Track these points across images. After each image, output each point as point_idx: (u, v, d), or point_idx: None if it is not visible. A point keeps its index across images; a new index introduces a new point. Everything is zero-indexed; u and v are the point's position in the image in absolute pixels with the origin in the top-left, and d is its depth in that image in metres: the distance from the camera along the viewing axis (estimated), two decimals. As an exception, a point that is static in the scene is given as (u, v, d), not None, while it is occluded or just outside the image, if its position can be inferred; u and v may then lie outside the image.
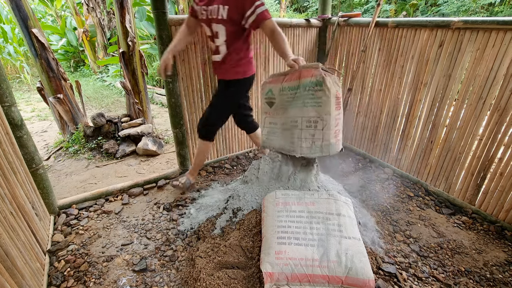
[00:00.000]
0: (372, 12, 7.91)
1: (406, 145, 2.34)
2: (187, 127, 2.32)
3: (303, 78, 1.42)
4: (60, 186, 2.40)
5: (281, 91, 1.52)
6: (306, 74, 1.42)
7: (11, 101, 1.56)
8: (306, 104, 1.43)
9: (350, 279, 1.29)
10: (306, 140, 1.48)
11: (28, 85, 6.12)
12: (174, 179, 2.24)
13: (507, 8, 5.92)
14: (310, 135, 1.47)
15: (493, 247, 1.72)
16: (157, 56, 2.10)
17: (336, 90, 1.41)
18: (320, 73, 1.38)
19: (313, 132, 1.46)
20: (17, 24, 2.45)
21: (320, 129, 1.43)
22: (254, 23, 1.66)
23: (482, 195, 1.94)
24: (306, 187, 1.79)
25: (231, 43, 1.78)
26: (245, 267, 1.45)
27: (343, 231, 1.44)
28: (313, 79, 1.39)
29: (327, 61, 2.89)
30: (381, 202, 2.12)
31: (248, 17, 1.65)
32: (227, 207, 1.80)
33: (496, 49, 1.72)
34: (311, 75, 1.40)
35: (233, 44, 1.78)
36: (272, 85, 1.59)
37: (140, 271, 1.53)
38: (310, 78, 1.40)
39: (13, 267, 1.07)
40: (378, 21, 2.32)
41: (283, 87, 1.52)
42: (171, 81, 2.09)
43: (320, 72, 1.39)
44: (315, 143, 1.47)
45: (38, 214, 1.63)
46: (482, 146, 1.87)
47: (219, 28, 1.73)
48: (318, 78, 1.38)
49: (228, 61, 1.83)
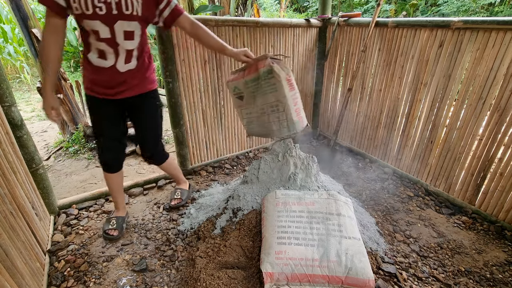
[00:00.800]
0: (372, 12, 7.91)
1: (406, 145, 2.35)
2: (187, 127, 2.32)
3: (260, 69, 1.55)
4: (60, 186, 2.40)
5: (245, 85, 1.65)
6: (261, 65, 1.56)
7: (11, 101, 1.56)
8: (266, 92, 1.58)
9: (350, 279, 1.29)
10: (274, 123, 1.63)
11: (28, 85, 6.12)
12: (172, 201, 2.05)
13: (507, 8, 5.92)
14: (276, 118, 1.61)
15: (493, 247, 1.72)
16: (157, 56, 2.10)
17: (285, 74, 1.54)
18: (268, 62, 1.52)
19: (277, 115, 1.60)
20: (17, 24, 2.45)
21: (282, 111, 1.58)
22: (170, 17, 1.46)
23: (482, 195, 1.94)
24: (306, 187, 1.79)
25: (143, 46, 1.50)
26: (245, 267, 1.45)
27: (343, 231, 1.44)
28: (265, 69, 1.53)
29: (327, 61, 2.90)
30: (381, 202, 2.12)
31: (162, 11, 1.43)
32: (227, 207, 1.80)
33: (496, 49, 1.72)
34: (263, 65, 1.54)
35: (144, 47, 1.51)
36: (236, 82, 1.70)
37: (140, 271, 1.53)
38: (263, 68, 1.54)
39: (13, 267, 1.07)
40: (378, 21, 2.32)
41: (246, 81, 1.64)
42: (171, 81, 2.09)
43: (268, 62, 1.53)
44: (282, 124, 1.61)
45: (38, 214, 1.63)
46: (482, 146, 1.87)
47: (133, 27, 1.38)
48: (267, 67, 1.52)
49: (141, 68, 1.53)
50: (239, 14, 5.48)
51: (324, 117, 3.18)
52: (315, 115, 3.24)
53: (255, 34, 2.39)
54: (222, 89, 2.38)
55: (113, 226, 1.76)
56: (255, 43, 2.42)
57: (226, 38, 2.24)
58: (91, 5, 1.27)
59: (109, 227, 1.75)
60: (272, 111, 1.60)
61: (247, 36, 2.35)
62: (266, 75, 1.53)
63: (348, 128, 2.88)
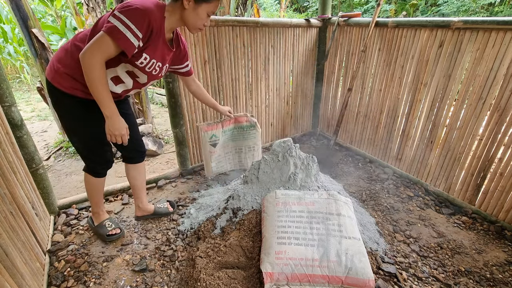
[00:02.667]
0: (372, 12, 7.91)
1: (406, 145, 2.35)
2: (187, 127, 2.32)
3: (238, 123, 2.28)
4: (60, 186, 2.40)
5: (223, 133, 2.26)
6: (241, 120, 2.27)
7: (11, 101, 1.56)
8: (247, 138, 2.34)
9: (350, 279, 1.29)
10: (249, 158, 2.42)
11: (28, 85, 6.12)
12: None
13: (507, 8, 5.92)
14: (251, 155, 2.41)
15: (493, 247, 1.72)
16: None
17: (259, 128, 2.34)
18: (253, 120, 2.27)
19: (253, 153, 2.41)
20: (17, 24, 2.45)
21: (256, 150, 2.41)
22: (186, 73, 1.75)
23: (482, 195, 1.94)
24: (306, 187, 1.80)
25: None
26: (245, 267, 1.45)
27: (343, 231, 1.44)
28: (248, 124, 2.28)
29: (327, 61, 2.90)
30: (381, 202, 2.12)
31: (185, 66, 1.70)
32: (227, 207, 1.80)
33: (496, 49, 1.72)
34: (245, 120, 2.27)
35: None
36: (214, 131, 2.20)
37: (140, 271, 1.53)
38: (246, 123, 2.28)
39: (13, 267, 1.07)
40: (378, 21, 2.32)
41: (224, 130, 2.26)
42: (171, 81, 2.09)
43: (252, 119, 2.27)
44: (254, 159, 2.40)
45: (38, 214, 1.63)
46: (482, 146, 1.87)
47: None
48: (252, 123, 2.28)
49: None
50: (239, 14, 5.48)
51: (324, 117, 3.18)
52: (315, 115, 3.25)
53: (255, 34, 2.39)
54: (222, 89, 2.39)
55: (110, 227, 1.74)
56: (255, 43, 2.42)
57: (226, 38, 2.24)
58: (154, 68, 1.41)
59: (108, 229, 1.73)
60: (249, 150, 2.39)
61: (247, 36, 2.35)
62: (249, 128, 2.30)
63: (348, 128, 2.88)
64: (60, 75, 1.34)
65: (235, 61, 2.37)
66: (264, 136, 2.91)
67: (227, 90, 2.41)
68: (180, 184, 2.36)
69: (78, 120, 1.44)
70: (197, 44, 2.12)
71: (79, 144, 1.54)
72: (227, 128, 2.26)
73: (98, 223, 1.76)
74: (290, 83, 2.90)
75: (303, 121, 3.21)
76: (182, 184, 2.36)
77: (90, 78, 1.21)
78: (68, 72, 1.33)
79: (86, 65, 1.19)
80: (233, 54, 2.33)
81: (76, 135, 1.50)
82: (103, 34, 1.18)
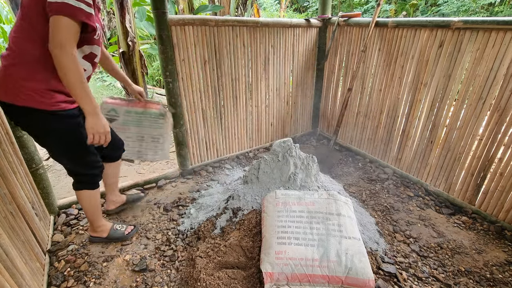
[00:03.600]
0: (372, 12, 7.91)
1: (406, 145, 2.35)
2: (187, 127, 2.32)
3: (149, 109, 1.99)
4: (60, 186, 2.40)
5: (126, 112, 1.96)
6: (152, 106, 2.00)
7: (11, 101, 1.56)
8: (151, 126, 2.03)
9: (350, 279, 1.29)
10: (150, 150, 2.09)
11: (28, 85, 6.11)
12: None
13: (507, 8, 5.92)
14: (154, 147, 2.08)
15: (493, 247, 1.72)
16: (157, 56, 2.10)
17: (172, 120, 2.08)
18: (164, 109, 2.02)
19: (156, 145, 2.08)
20: (17, 24, 2.45)
21: (162, 143, 2.09)
22: None
23: (482, 195, 1.94)
24: (306, 187, 1.80)
25: None
26: (245, 267, 1.45)
27: (343, 231, 1.44)
28: (157, 111, 2.01)
29: (327, 61, 2.90)
30: (381, 202, 2.12)
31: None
32: (227, 207, 1.80)
33: (496, 49, 1.72)
34: (156, 108, 2.01)
35: None
36: (116, 106, 1.94)
37: (140, 271, 1.53)
38: (155, 110, 2.00)
39: (13, 267, 1.07)
40: (378, 21, 2.32)
41: (129, 110, 1.96)
42: (171, 81, 2.09)
43: (163, 108, 2.02)
44: (157, 152, 2.10)
45: (38, 214, 1.63)
46: (482, 146, 1.87)
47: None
48: (161, 111, 2.01)
49: None
50: (239, 14, 5.48)
51: (324, 117, 3.18)
52: (315, 115, 3.24)
53: (255, 34, 2.39)
54: (222, 89, 2.39)
55: (123, 228, 1.73)
56: (255, 43, 2.42)
57: (226, 38, 2.24)
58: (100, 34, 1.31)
59: (122, 231, 1.71)
60: (152, 141, 2.07)
61: (247, 36, 2.35)
62: (158, 115, 2.01)
63: (348, 128, 2.88)
64: (40, 93, 1.16)
65: (235, 61, 2.37)
66: (264, 136, 2.91)
67: (227, 90, 2.41)
68: (180, 184, 2.36)
69: (70, 136, 1.29)
70: (197, 44, 2.12)
71: (71, 162, 1.40)
72: (134, 110, 1.96)
73: (107, 234, 1.68)
74: (290, 83, 2.90)
75: (303, 121, 3.21)
76: (182, 184, 2.36)
77: (71, 75, 1.08)
78: (47, 87, 1.17)
79: (64, 62, 1.06)
80: (233, 54, 2.33)
81: (67, 153, 1.35)
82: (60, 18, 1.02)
